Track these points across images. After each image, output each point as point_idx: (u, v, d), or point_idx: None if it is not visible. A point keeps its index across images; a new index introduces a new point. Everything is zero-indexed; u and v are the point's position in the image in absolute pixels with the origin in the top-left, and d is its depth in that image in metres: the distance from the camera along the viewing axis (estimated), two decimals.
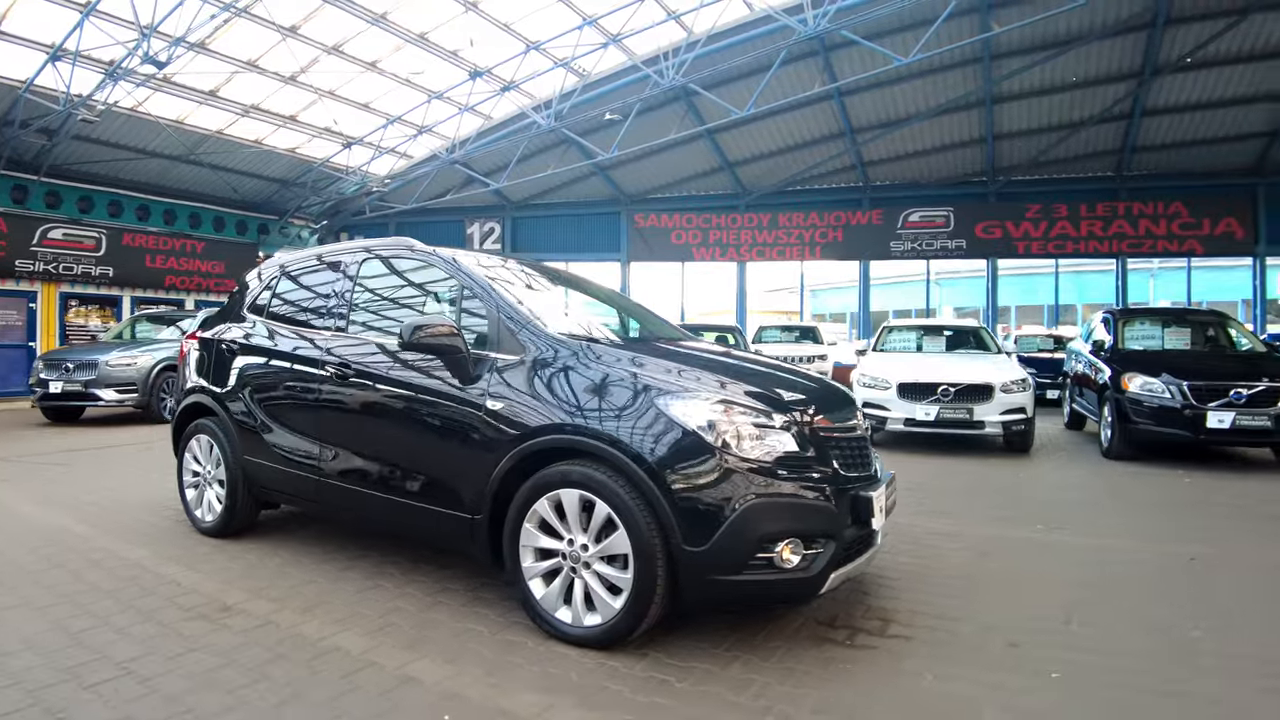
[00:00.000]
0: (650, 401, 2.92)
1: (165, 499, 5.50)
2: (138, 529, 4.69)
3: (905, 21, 13.82)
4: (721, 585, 2.79)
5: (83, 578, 3.71)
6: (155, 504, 5.38)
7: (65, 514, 5.04)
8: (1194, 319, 9.90)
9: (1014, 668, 2.89)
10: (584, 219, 21.88)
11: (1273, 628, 3.34)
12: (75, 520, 4.87)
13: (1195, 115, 16.76)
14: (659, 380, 3.00)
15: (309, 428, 3.95)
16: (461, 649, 2.96)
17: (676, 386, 2.97)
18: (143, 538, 4.48)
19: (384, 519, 3.68)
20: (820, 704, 2.58)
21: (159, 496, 5.61)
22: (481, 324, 3.49)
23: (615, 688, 2.67)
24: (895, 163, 19.81)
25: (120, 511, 5.14)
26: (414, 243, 4.04)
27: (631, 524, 2.82)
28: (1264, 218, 17.96)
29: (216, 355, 4.60)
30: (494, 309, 3.43)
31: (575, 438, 2.99)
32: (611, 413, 2.96)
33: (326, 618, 3.24)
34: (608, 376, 3.06)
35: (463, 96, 15.77)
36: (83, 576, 3.72)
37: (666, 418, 2.87)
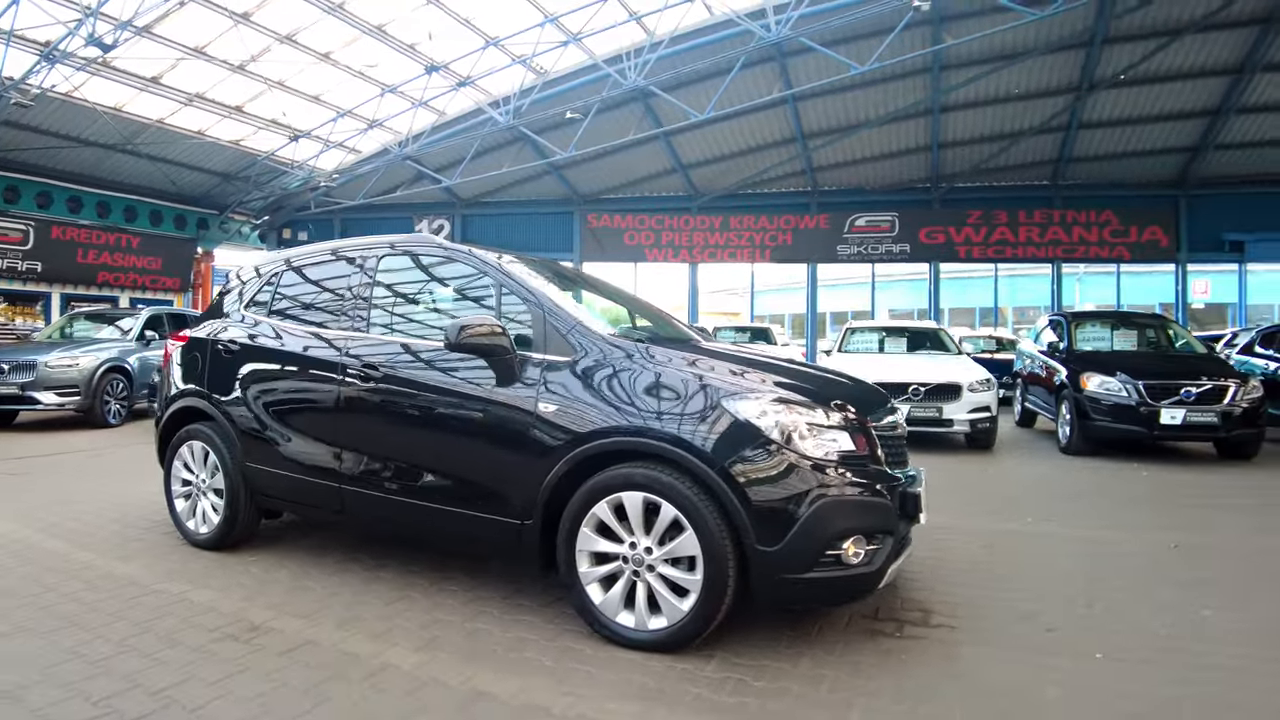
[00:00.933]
0: (717, 403, 2.91)
1: (136, 508, 5.17)
2: (118, 542, 4.38)
3: (862, 30, 14.13)
4: (792, 584, 2.82)
5: (79, 598, 3.44)
6: (127, 514, 5.04)
7: (30, 527, 4.66)
8: (1139, 322, 10.43)
9: (1058, 650, 3.03)
10: (536, 218, 21.67)
11: (1270, 605, 3.62)
12: (44, 534, 4.51)
13: (1126, 129, 17.68)
14: (724, 381, 3.00)
15: (327, 433, 3.77)
16: (520, 660, 2.87)
17: (742, 388, 2.97)
18: (128, 552, 4.19)
19: (418, 527, 3.56)
20: (897, 694, 2.64)
21: (128, 506, 5.26)
22: (517, 325, 3.40)
23: (696, 690, 2.65)
24: (844, 168, 20.27)
25: (91, 523, 4.79)
26: (438, 240, 3.91)
27: (701, 526, 2.81)
28: (1185, 227, 19.08)
29: (213, 356, 4.33)
30: (538, 309, 3.34)
31: (640, 440, 2.94)
32: (678, 415, 2.93)
33: (365, 632, 3.09)
34: (670, 378, 3.03)
35: (417, 91, 15.42)
36: (79, 597, 3.45)
37: (736, 419, 2.87)
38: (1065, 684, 2.73)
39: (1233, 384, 7.94)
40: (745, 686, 2.68)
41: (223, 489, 4.12)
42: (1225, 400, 7.84)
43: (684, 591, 2.88)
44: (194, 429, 4.29)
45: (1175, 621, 3.36)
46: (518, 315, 3.43)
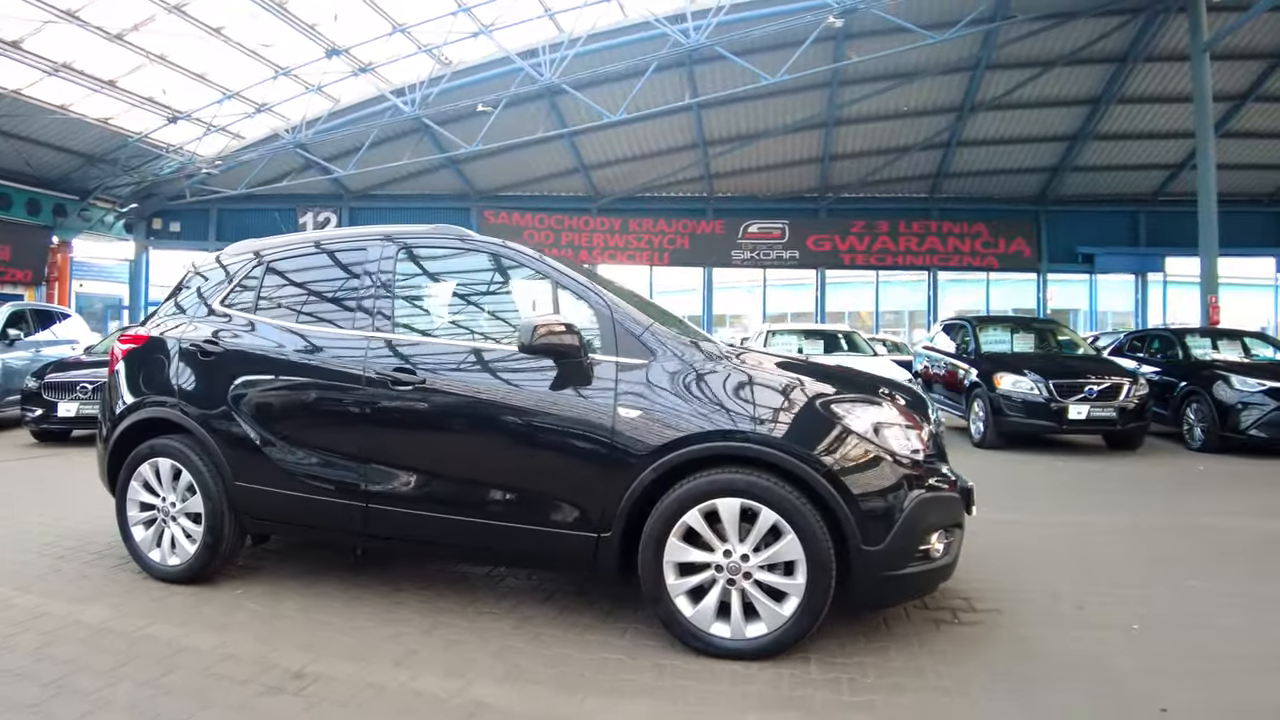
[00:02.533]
0: (815, 406, 2.89)
1: (66, 537, 4.39)
2: (64, 581, 3.67)
3: (772, 42, 14.53)
4: (891, 581, 2.84)
5: (54, 655, 2.79)
6: (57, 546, 4.25)
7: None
8: (1035, 325, 11.31)
9: (1099, 625, 3.24)
10: (430, 213, 20.68)
11: (1233, 572, 4.09)
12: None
13: (998, 149, 19.23)
14: (817, 385, 2.97)
15: (349, 445, 3.33)
16: (618, 682, 2.65)
17: (835, 391, 2.96)
18: (82, 592, 3.50)
19: (470, 546, 3.23)
20: (992, 674, 2.75)
21: (54, 535, 4.45)
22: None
23: (818, 693, 2.59)
24: (739, 176, 20.86)
25: (18, 560, 3.98)
26: (466, 232, 3.58)
27: (805, 530, 2.75)
28: (1045, 239, 20.97)
29: (184, 360, 3.73)
30: (605, 309, 3.12)
31: (738, 445, 2.83)
32: (778, 419, 2.86)
33: (433, 669, 2.73)
34: (764, 381, 2.97)
35: (314, 75, 14.40)
36: (52, 654, 2.80)
37: (835, 421, 2.87)
38: (1129, 653, 2.95)
39: (1126, 382, 8.72)
40: (859, 684, 2.66)
41: (201, 513, 3.54)
42: (1120, 397, 8.60)
43: (781, 596, 2.81)
44: (160, 444, 3.66)
45: (1170, 593, 3.70)
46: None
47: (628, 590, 3.44)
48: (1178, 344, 10.19)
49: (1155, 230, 20.57)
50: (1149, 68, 15.93)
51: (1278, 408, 8.36)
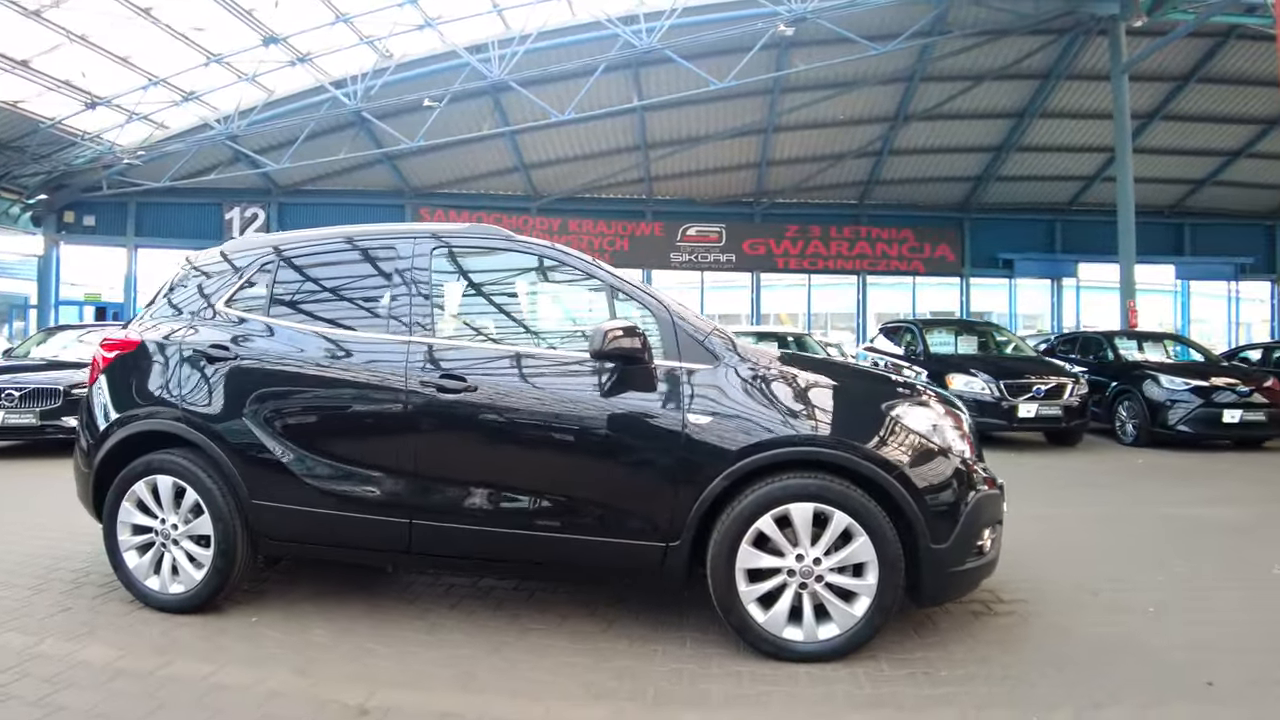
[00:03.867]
0: (877, 407, 2.94)
1: (18, 564, 3.95)
2: (48, 615, 3.26)
3: (720, 48, 14.68)
4: (953, 577, 2.92)
5: (63, 703, 2.48)
6: (29, 574, 3.79)
7: None
8: (977, 328, 11.80)
9: (1120, 609, 3.44)
10: (363, 210, 20.01)
11: (1210, 556, 4.38)
12: None
13: (926, 157, 20.02)
14: (881, 388, 3.06)
15: (389, 458, 3.11)
16: (701, 693, 2.59)
17: (897, 393, 3.03)
18: (70, 628, 3.13)
19: (527, 560, 3.09)
20: (1047, 659, 2.89)
21: (7, 562, 4.01)
22: None
23: (904, 690, 2.64)
24: (678, 179, 21.02)
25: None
26: (509, 232, 3.42)
27: (877, 531, 2.78)
28: (968, 246, 21.95)
29: (186, 366, 3.40)
30: (664, 313, 3.05)
31: (811, 449, 2.83)
32: (849, 422, 2.89)
33: (500, 692, 2.60)
34: (830, 385, 3.00)
35: (248, 64, 13.67)
36: (63, 703, 2.48)
37: (902, 423, 2.92)
38: (1155, 634, 3.16)
39: (1069, 381, 9.20)
40: (935, 678, 2.72)
41: (210, 535, 3.22)
42: (1065, 395, 9.07)
43: (851, 597, 2.83)
44: (158, 461, 3.31)
45: (1165, 577, 3.94)
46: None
47: (662, 598, 3.44)
48: (1108, 345, 10.82)
49: (1069, 238, 21.86)
50: (1069, 85, 16.90)
51: (1202, 404, 8.99)
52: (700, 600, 3.38)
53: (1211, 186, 20.53)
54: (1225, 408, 8.97)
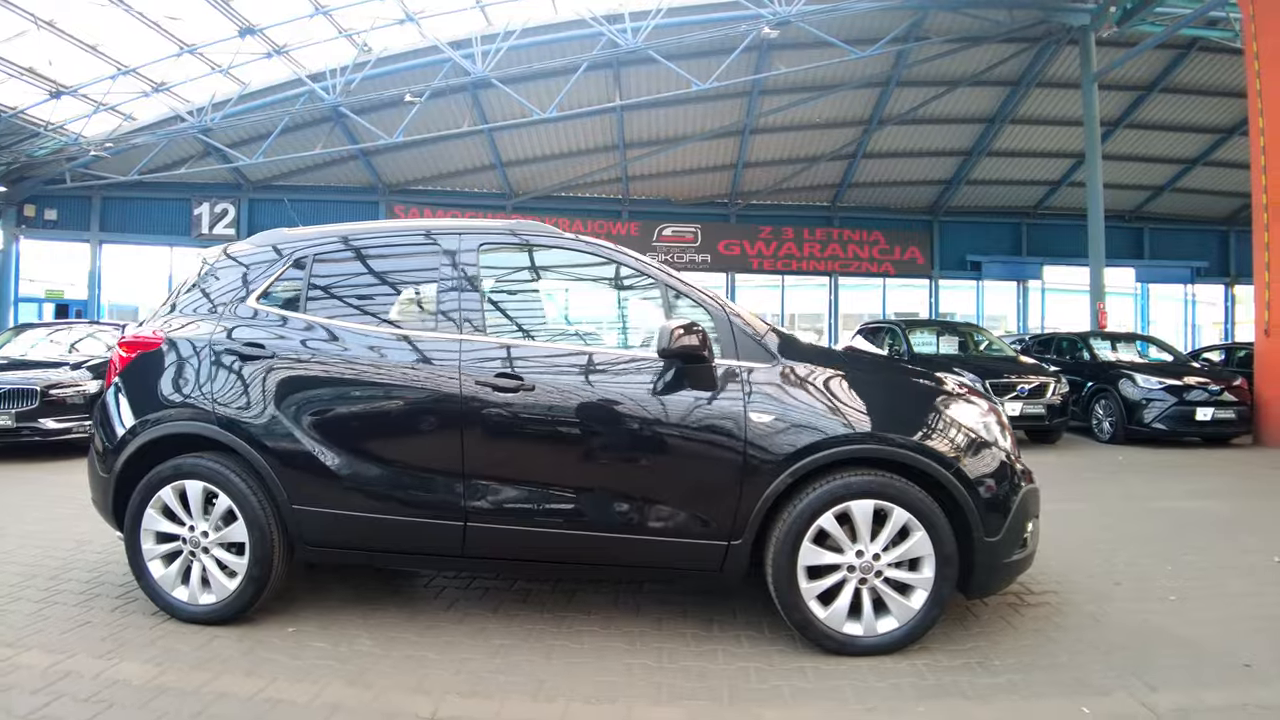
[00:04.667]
0: (937, 406, 3.01)
1: (23, 574, 3.76)
2: (60, 630, 3.11)
3: (702, 49, 14.75)
4: (1002, 569, 3.00)
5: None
6: (22, 584, 3.63)
7: None
8: (959, 329, 12.04)
9: (1143, 597, 3.60)
10: (336, 206, 19.71)
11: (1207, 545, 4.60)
12: None
13: (898, 161, 20.35)
14: (934, 385, 3.10)
15: (443, 459, 3.04)
16: (773, 690, 2.62)
17: (948, 391, 3.09)
18: (95, 643, 2.97)
19: (586, 561, 3.07)
20: (1092, 647, 3.01)
21: (7, 572, 3.84)
22: None
23: (965, 679, 2.72)
24: (655, 179, 21.04)
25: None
26: (556, 230, 3.38)
27: (935, 526, 2.85)
28: (937, 248, 22.38)
29: (217, 364, 3.26)
30: (722, 313, 3.08)
31: (873, 447, 2.87)
32: (908, 420, 2.95)
33: (574, 696, 2.58)
34: (889, 383, 3.09)
35: (222, 55, 13.34)
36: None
37: (957, 420, 3.01)
38: (1183, 619, 3.31)
39: (1051, 381, 9.46)
40: (992, 667, 2.82)
41: (245, 542, 3.11)
42: (1048, 394, 9.32)
43: (908, 590, 2.89)
44: (187, 465, 3.18)
45: (1177, 567, 4.12)
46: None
47: (698, 596, 3.46)
48: (1084, 346, 11.14)
49: (1034, 241, 22.42)
50: (1038, 92, 17.34)
51: (1176, 403, 9.32)
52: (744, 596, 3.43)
53: (1170, 193, 21.25)
54: (1198, 406, 9.31)
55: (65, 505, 5.33)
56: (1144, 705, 2.53)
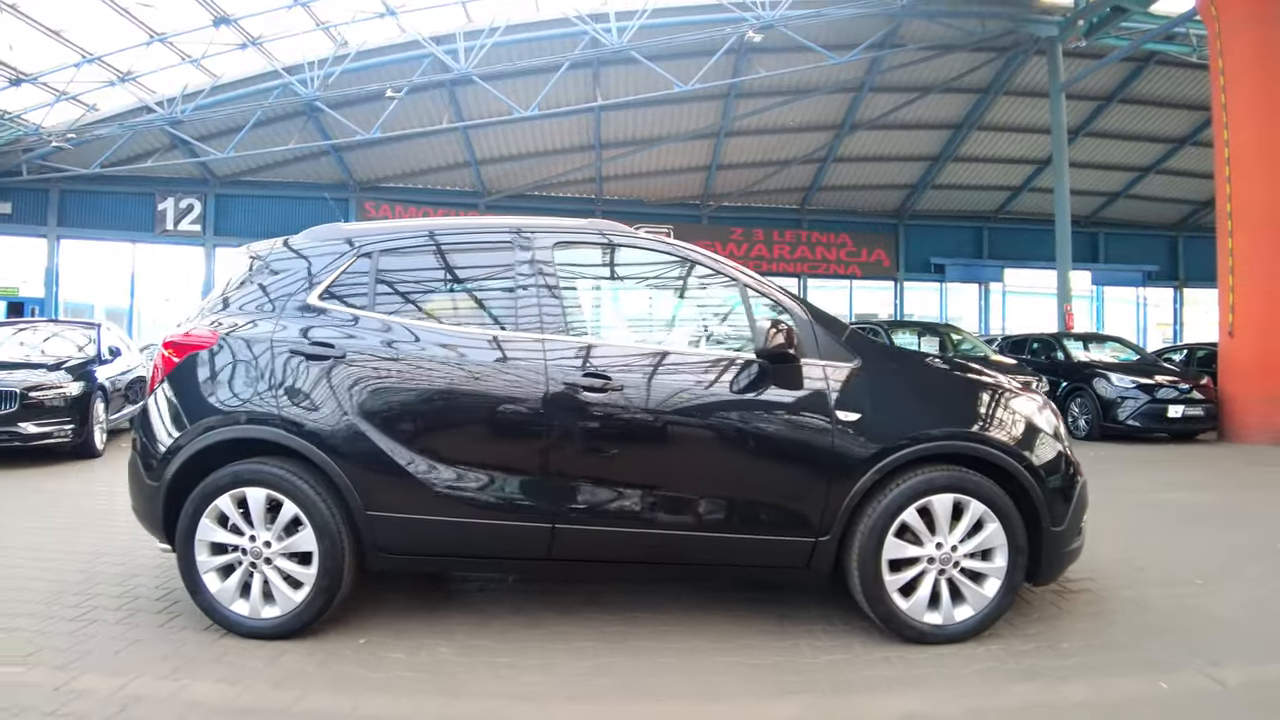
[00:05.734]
0: (1008, 404, 3.15)
1: (55, 588, 3.58)
2: (111, 649, 2.92)
3: (683, 51, 14.83)
4: (1064, 557, 3.14)
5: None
6: (55, 599, 3.44)
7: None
8: (939, 330, 12.37)
9: (1172, 582, 3.80)
10: (305, 203, 19.23)
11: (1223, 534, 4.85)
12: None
13: (867, 165, 20.77)
14: (1003, 383, 3.22)
15: (529, 461, 3.00)
16: (870, 680, 2.71)
17: (1009, 387, 3.23)
18: (152, 662, 2.80)
19: (674, 560, 3.09)
20: (1147, 630, 3.18)
21: (35, 584, 3.64)
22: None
23: (1043, 662, 2.86)
24: (629, 180, 21.10)
25: (17, 624, 3.14)
26: (627, 229, 3.40)
27: (1009, 517, 2.98)
28: (902, 250, 22.90)
29: (282, 364, 3.11)
30: (803, 314, 3.15)
31: (952, 443, 2.99)
32: (983, 417, 3.08)
33: (676, 696, 2.60)
34: (962, 382, 3.19)
35: (194, 45, 12.95)
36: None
37: (1025, 417, 3.15)
38: (1220, 601, 3.52)
39: (1032, 380, 9.80)
40: (1061, 650, 2.96)
41: (313, 551, 2.99)
42: None
43: (982, 579, 3.01)
44: (248, 471, 3.03)
45: (1193, 553, 4.38)
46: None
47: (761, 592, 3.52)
48: (1058, 346, 11.55)
49: (996, 244, 23.11)
50: (1005, 99, 17.89)
51: (1150, 401, 9.75)
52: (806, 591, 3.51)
53: (1125, 199, 22.11)
54: (1170, 403, 9.75)
55: (56, 513, 5.16)
56: (1212, 679, 2.71)
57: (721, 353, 3.16)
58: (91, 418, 7.62)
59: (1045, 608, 3.41)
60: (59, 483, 6.34)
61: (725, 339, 3.30)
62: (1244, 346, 9.79)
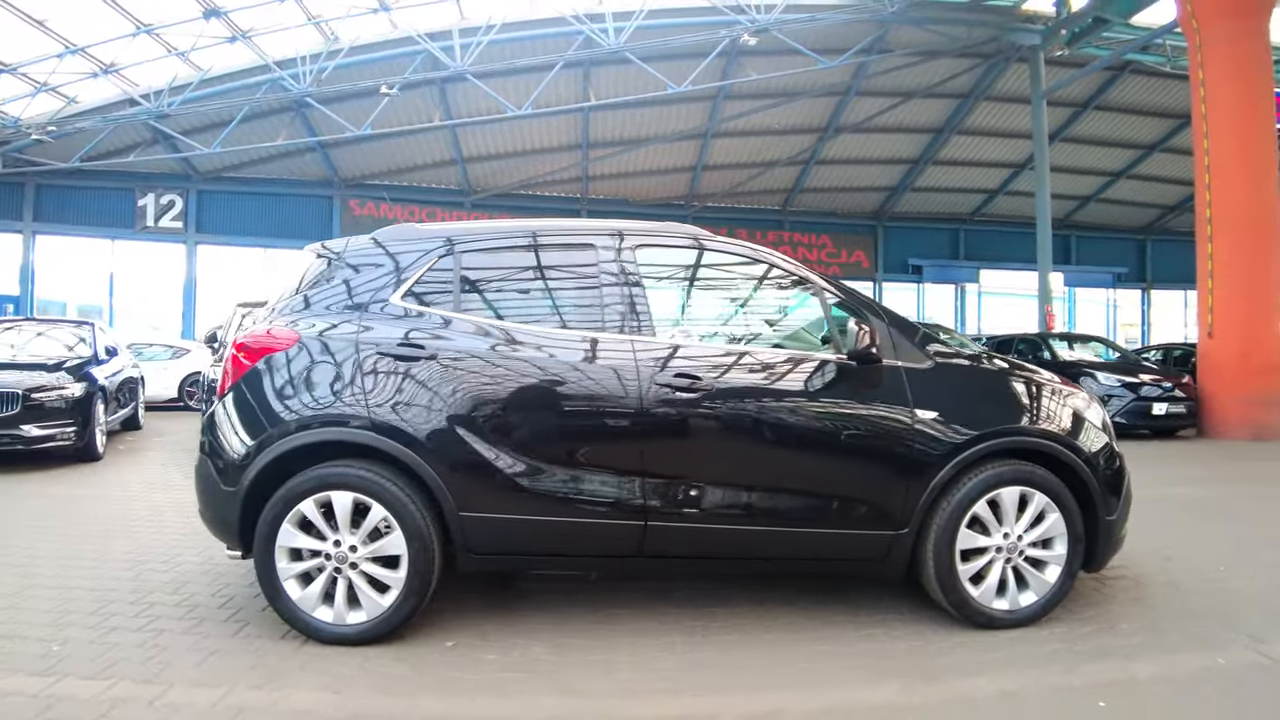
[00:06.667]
0: (1062, 399, 3.35)
1: (106, 594, 3.51)
2: (192, 660, 2.85)
3: (675, 53, 14.94)
4: (1114, 546, 3.34)
5: None
6: (106, 607, 3.34)
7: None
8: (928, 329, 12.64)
9: (1195, 569, 4.00)
10: (289, 200, 19.07)
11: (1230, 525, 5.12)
12: (46, 677, 2.68)
13: (848, 168, 21.13)
14: (1059, 382, 3.42)
15: (623, 460, 3.06)
16: (950, 665, 2.85)
17: (1068, 388, 3.43)
18: (240, 672, 2.75)
19: (761, 555, 3.19)
20: (1186, 613, 3.38)
21: (85, 591, 3.54)
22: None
23: (1103, 640, 3.06)
24: (616, 179, 21.18)
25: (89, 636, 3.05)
26: (702, 232, 3.51)
27: (1068, 508, 3.17)
28: (881, 252, 23.34)
29: (370, 366, 3.08)
30: (881, 316, 3.29)
31: (1021, 439, 3.17)
32: (1046, 414, 3.27)
33: (790, 685, 2.71)
34: (1025, 381, 3.35)
35: (181, 38, 12.73)
36: None
37: (1080, 414, 3.36)
38: (1246, 583, 3.78)
39: None
40: (1119, 631, 3.18)
41: (402, 555, 2.97)
42: None
43: (1043, 566, 3.19)
44: (335, 474, 2.99)
45: (1207, 541, 4.65)
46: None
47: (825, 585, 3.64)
48: (1044, 346, 11.91)
49: (972, 246, 23.67)
50: (985, 105, 18.34)
51: (1135, 399, 10.12)
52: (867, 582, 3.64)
53: (1096, 203, 22.81)
54: (1154, 401, 10.13)
55: (71, 520, 5.00)
56: (1262, 654, 2.93)
57: (806, 353, 3.29)
58: (94, 420, 7.43)
59: (1090, 594, 3.59)
60: (67, 488, 6.18)
61: (804, 340, 3.44)
62: (1224, 347, 10.20)
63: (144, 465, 7.40)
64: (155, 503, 5.59)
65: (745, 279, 3.58)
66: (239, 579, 3.72)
